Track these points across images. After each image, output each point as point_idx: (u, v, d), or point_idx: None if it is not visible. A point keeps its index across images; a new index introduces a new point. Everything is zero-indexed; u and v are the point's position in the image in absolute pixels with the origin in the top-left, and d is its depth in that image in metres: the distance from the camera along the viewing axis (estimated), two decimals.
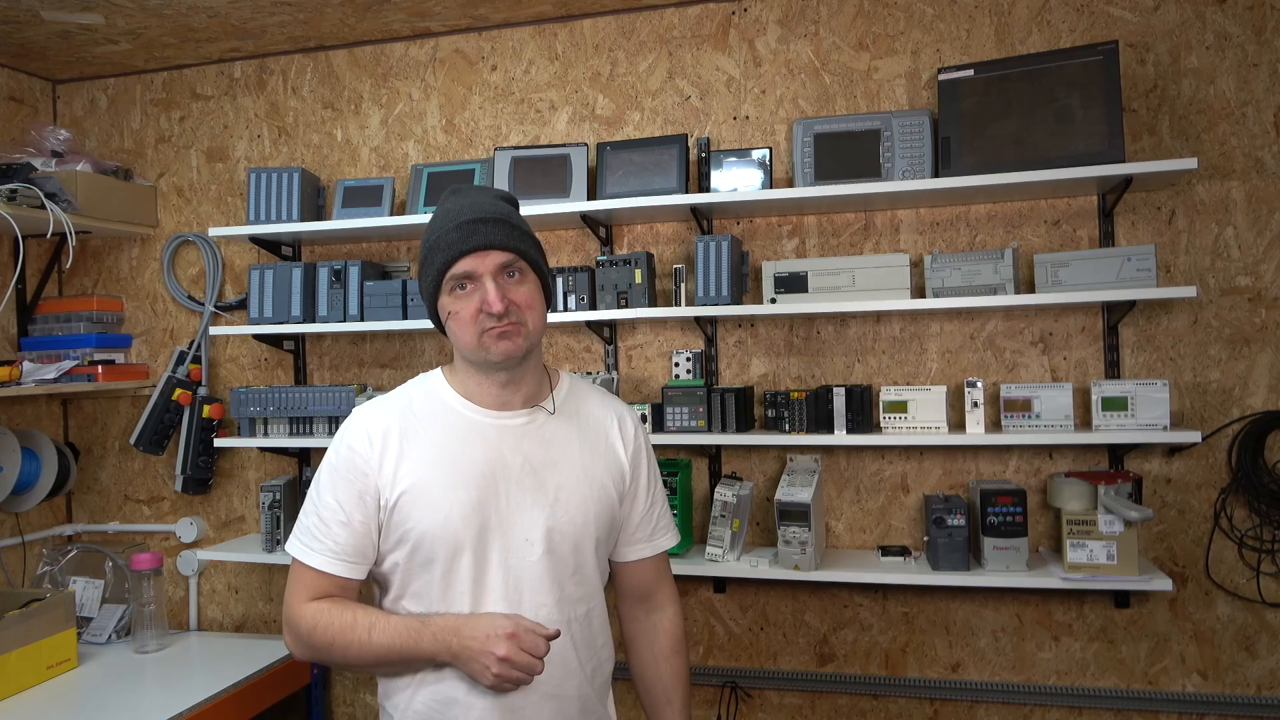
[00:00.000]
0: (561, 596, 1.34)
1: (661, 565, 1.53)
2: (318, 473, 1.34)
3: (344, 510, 1.30)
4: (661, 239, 2.52)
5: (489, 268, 1.27)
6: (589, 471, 1.38)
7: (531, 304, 1.30)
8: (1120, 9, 2.23)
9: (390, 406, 1.36)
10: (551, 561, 1.33)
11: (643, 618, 1.53)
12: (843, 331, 2.39)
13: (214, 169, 2.87)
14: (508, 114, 2.64)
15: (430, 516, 1.28)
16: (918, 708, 2.34)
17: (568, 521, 1.34)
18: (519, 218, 1.35)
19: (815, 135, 2.26)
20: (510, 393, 1.35)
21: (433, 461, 1.30)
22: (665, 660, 1.51)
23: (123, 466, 2.93)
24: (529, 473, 1.33)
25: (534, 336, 1.31)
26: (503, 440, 1.34)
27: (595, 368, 2.55)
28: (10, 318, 2.79)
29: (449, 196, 1.36)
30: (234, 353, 2.84)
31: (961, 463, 2.32)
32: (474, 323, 1.28)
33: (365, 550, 1.32)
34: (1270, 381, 2.14)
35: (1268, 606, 2.14)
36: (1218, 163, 2.17)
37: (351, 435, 1.33)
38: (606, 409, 1.47)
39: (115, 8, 2.40)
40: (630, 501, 1.46)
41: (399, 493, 1.29)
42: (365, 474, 1.30)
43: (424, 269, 1.32)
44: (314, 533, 1.31)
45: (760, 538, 2.44)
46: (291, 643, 1.33)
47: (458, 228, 1.27)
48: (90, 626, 2.57)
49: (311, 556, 1.30)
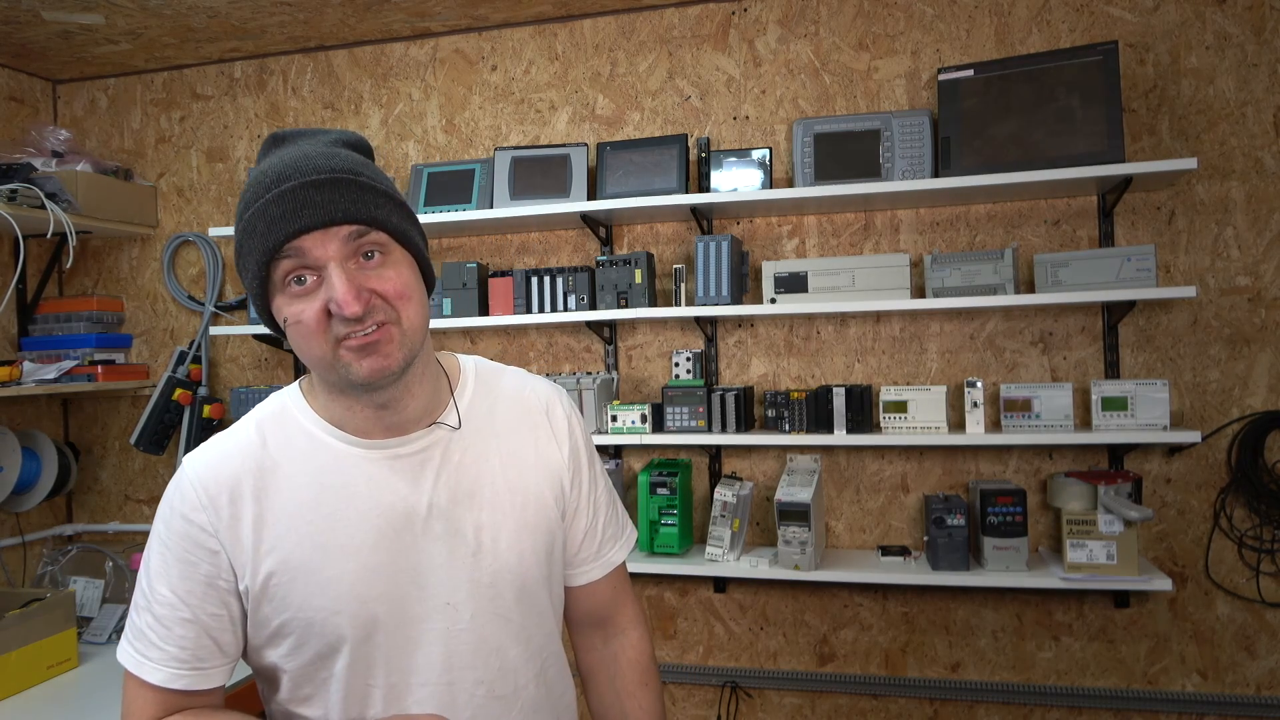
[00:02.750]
0: (503, 666, 1.02)
1: (618, 583, 1.21)
2: (145, 554, 0.98)
3: (186, 604, 0.94)
4: (661, 239, 2.52)
5: (334, 251, 0.88)
6: (518, 492, 1.04)
7: (405, 293, 0.91)
8: (1120, 9, 2.23)
9: (234, 452, 0.98)
10: (483, 625, 1.00)
11: (600, 646, 1.22)
12: (843, 331, 2.39)
13: (214, 169, 2.87)
14: (508, 114, 2.64)
15: (314, 601, 0.94)
16: (918, 708, 2.34)
17: (500, 569, 1.01)
18: (373, 170, 0.93)
19: (815, 135, 2.26)
20: (394, 414, 0.97)
21: (305, 521, 0.95)
22: (630, 697, 1.19)
23: (123, 466, 2.93)
24: (438, 516, 0.98)
25: (414, 339, 0.93)
26: (395, 478, 0.98)
27: (595, 368, 2.55)
28: (10, 318, 2.79)
29: (269, 148, 0.96)
30: (234, 353, 2.84)
31: (961, 463, 2.32)
32: (323, 332, 0.89)
33: (223, 648, 0.97)
34: (1270, 381, 2.14)
35: (1267, 606, 2.14)
36: (1217, 163, 2.17)
37: (183, 501, 0.95)
38: (527, 397, 1.10)
39: (115, 8, 2.40)
40: (571, 514, 1.12)
41: (265, 572, 0.94)
42: (213, 552, 0.94)
43: (241, 258, 0.91)
44: (149, 636, 0.95)
45: (760, 538, 2.44)
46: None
47: (280, 198, 0.87)
48: (90, 626, 2.57)
49: (150, 670, 0.94)
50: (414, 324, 0.93)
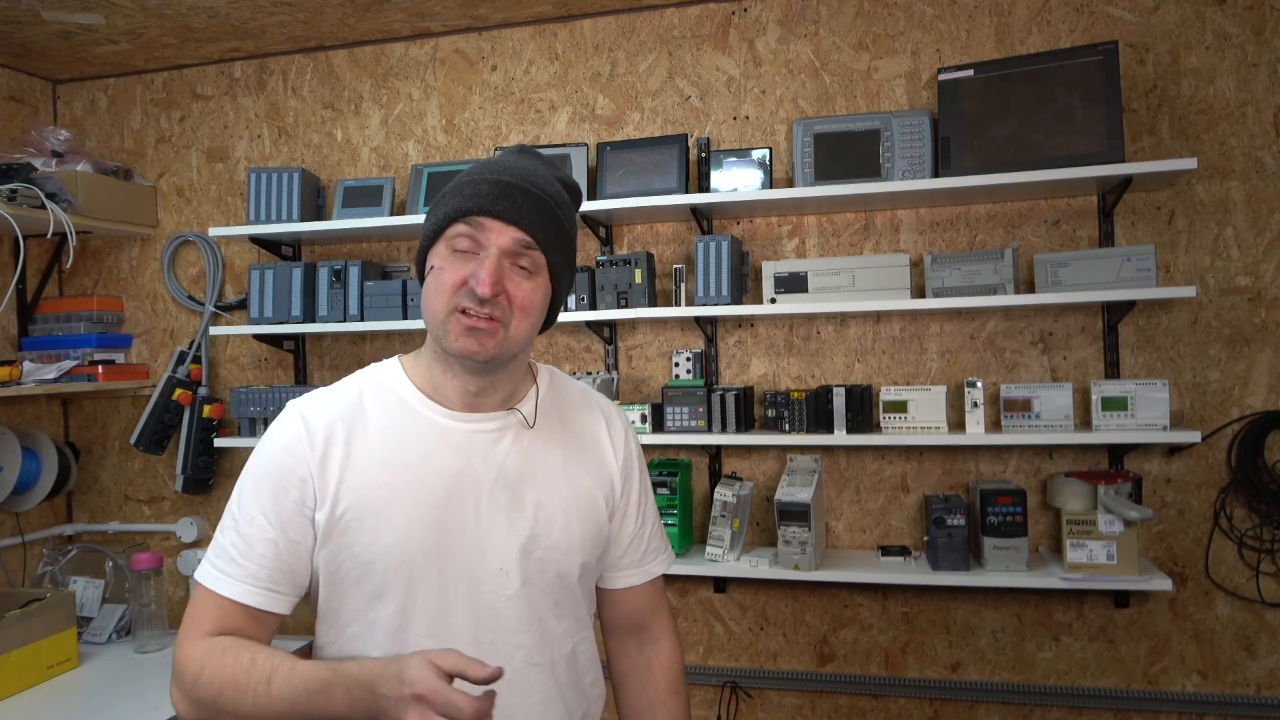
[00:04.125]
0: (543, 635, 1.12)
1: (656, 594, 1.31)
2: (240, 479, 1.09)
3: (271, 525, 1.04)
4: (661, 239, 2.52)
5: (503, 242, 1.03)
6: (574, 485, 1.16)
7: (526, 308, 1.05)
8: (1120, 9, 2.23)
9: (335, 401, 1.11)
10: (530, 594, 1.10)
11: (635, 653, 1.31)
12: (843, 331, 2.39)
13: (214, 169, 2.87)
14: (508, 114, 2.64)
15: (381, 540, 1.05)
16: (918, 708, 2.34)
17: (550, 546, 1.12)
18: (570, 217, 1.12)
19: (815, 135, 2.26)
20: (480, 396, 1.12)
21: (385, 470, 1.07)
22: (662, 704, 1.27)
23: (123, 466, 2.93)
24: (504, 489, 1.10)
25: (512, 345, 1.06)
26: (471, 449, 1.10)
27: (595, 368, 2.55)
28: (10, 318, 2.79)
29: (514, 151, 1.15)
30: (234, 353, 2.84)
31: (961, 463, 2.32)
32: (450, 293, 1.03)
33: (295, 576, 1.06)
34: (1270, 381, 2.14)
35: (1267, 606, 2.14)
36: (1217, 163, 2.17)
37: (287, 433, 1.08)
38: (593, 408, 1.25)
39: (115, 8, 2.40)
40: (620, 518, 1.23)
41: (343, 508, 1.05)
42: (302, 480, 1.05)
43: (435, 204, 1.08)
44: (231, 554, 1.04)
45: (760, 538, 2.44)
46: (176, 697, 1.05)
47: (498, 185, 1.04)
48: (90, 626, 2.57)
49: (226, 584, 1.03)
50: (518, 335, 1.06)
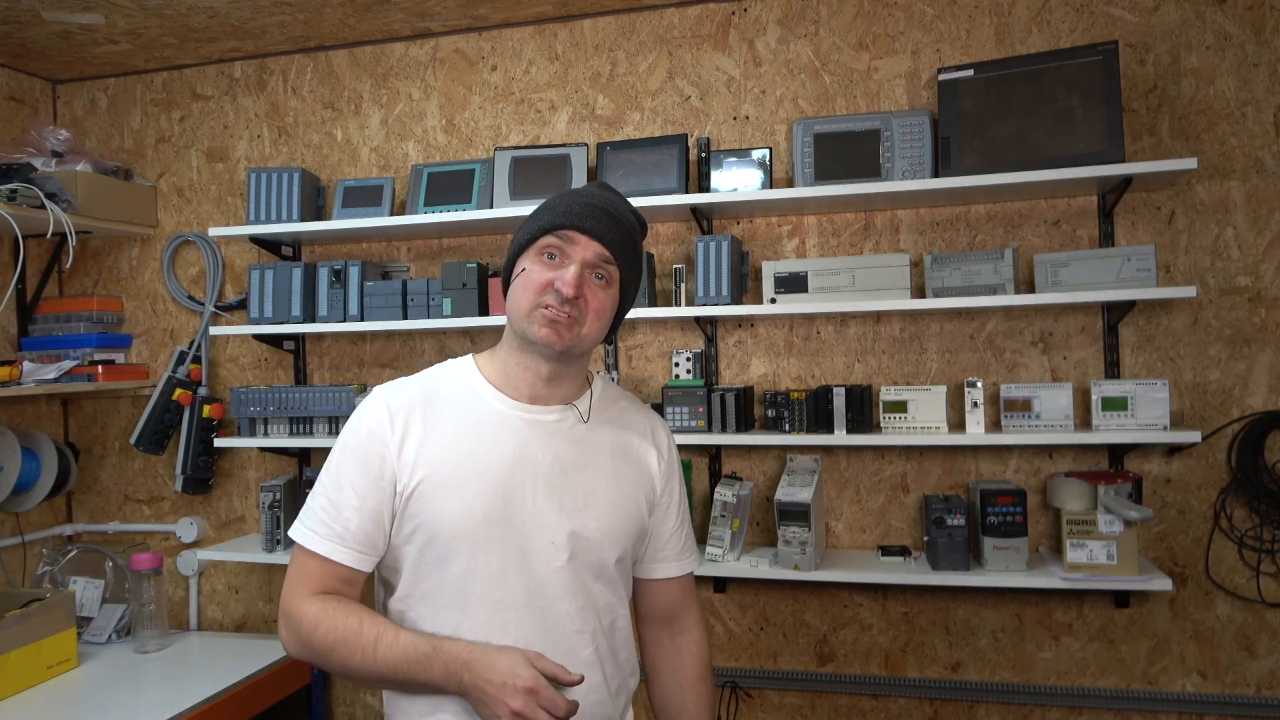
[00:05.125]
0: (587, 604, 1.27)
1: (688, 586, 1.47)
2: (332, 453, 1.27)
3: (357, 494, 1.22)
4: (661, 239, 2.52)
5: (586, 255, 1.22)
6: (620, 479, 1.32)
7: (599, 312, 1.25)
8: (1120, 9, 2.23)
9: (415, 387, 1.30)
10: (575, 568, 1.26)
11: (667, 641, 1.46)
12: (843, 331, 2.39)
13: (214, 169, 2.87)
14: (508, 114, 2.64)
15: (449, 509, 1.21)
16: (918, 708, 2.34)
17: (596, 529, 1.27)
18: (640, 239, 1.33)
19: (815, 135, 2.26)
20: (548, 389, 1.29)
21: (456, 449, 1.24)
22: (691, 688, 1.43)
23: (123, 466, 2.93)
24: (559, 473, 1.27)
25: (582, 342, 1.25)
26: (532, 436, 1.27)
27: (595, 367, 2.55)
28: (10, 318, 2.79)
29: (595, 184, 1.35)
30: (234, 353, 2.84)
31: (961, 463, 2.32)
32: (537, 292, 1.22)
33: (375, 540, 1.24)
34: (1270, 381, 2.14)
35: (1267, 606, 2.14)
36: (1217, 163, 2.17)
37: (371, 414, 1.26)
38: (641, 417, 1.41)
39: (115, 8, 2.40)
40: (661, 515, 1.40)
41: (418, 480, 1.22)
42: (383, 456, 1.22)
43: (529, 220, 1.27)
44: (321, 516, 1.22)
45: (760, 538, 2.44)
46: (288, 639, 1.23)
47: (587, 206, 1.24)
48: (90, 626, 2.57)
49: (317, 542, 1.21)
50: (590, 334, 1.25)
